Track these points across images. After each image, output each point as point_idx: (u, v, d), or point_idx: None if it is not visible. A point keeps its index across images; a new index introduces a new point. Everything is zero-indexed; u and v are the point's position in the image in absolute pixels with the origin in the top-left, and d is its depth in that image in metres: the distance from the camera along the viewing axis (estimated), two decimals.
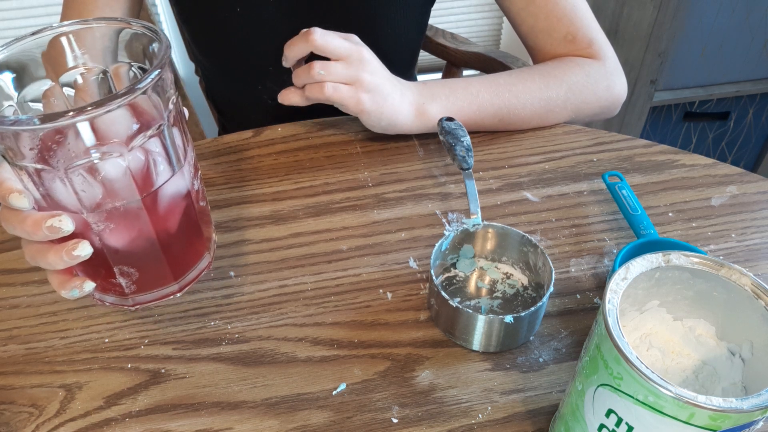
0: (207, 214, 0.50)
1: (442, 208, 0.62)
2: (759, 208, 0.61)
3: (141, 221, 0.42)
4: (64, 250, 0.40)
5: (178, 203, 0.45)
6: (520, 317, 0.46)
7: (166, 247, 0.44)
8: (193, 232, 0.47)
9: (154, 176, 0.42)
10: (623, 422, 0.33)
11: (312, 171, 0.67)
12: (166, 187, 0.43)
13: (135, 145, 0.39)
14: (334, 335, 0.50)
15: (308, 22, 0.72)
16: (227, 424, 0.45)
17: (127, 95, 0.37)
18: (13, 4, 1.52)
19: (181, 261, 0.47)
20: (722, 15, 1.46)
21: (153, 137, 0.41)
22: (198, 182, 0.47)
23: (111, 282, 0.45)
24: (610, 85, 0.72)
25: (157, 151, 0.42)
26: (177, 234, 0.45)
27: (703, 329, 0.39)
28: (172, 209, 0.44)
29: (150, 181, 0.42)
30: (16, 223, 0.41)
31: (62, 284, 0.43)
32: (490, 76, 0.70)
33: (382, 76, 0.64)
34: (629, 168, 0.66)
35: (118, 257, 0.43)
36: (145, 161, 0.41)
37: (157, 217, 0.43)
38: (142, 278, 0.45)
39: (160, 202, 0.43)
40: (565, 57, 0.73)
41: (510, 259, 0.54)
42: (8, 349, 0.50)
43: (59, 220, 0.39)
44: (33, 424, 0.45)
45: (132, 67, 0.45)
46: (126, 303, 0.46)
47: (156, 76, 0.38)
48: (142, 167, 0.41)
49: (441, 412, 0.45)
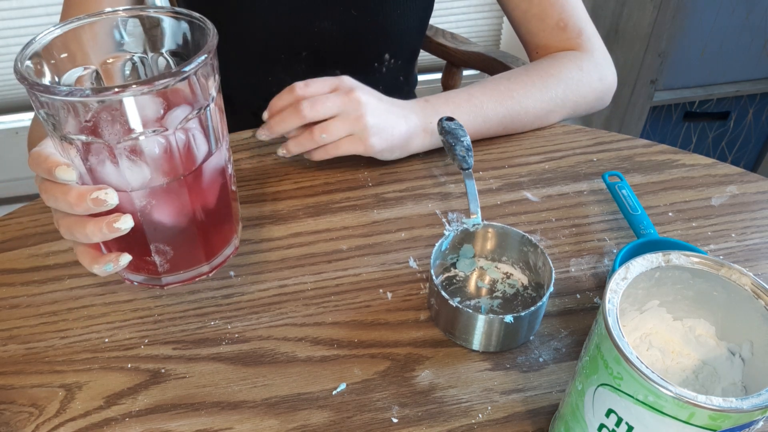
0: (236, 200, 0.51)
1: (442, 207, 0.62)
2: (759, 208, 0.61)
3: (181, 199, 0.44)
4: (105, 222, 0.41)
5: (216, 183, 0.46)
6: (520, 317, 0.46)
7: (201, 226, 0.46)
8: (225, 214, 0.49)
9: (195, 155, 0.44)
10: (623, 422, 0.33)
11: (312, 171, 0.67)
12: (206, 166, 0.44)
13: (179, 126, 0.41)
14: (334, 335, 0.50)
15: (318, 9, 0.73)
16: (227, 424, 0.45)
17: (176, 76, 0.38)
18: (13, 4, 1.52)
19: (213, 242, 0.48)
20: (722, 15, 1.46)
21: (196, 119, 0.42)
22: (231, 166, 0.49)
23: (145, 260, 0.46)
24: (602, 76, 0.74)
25: (199, 132, 0.43)
26: (212, 214, 0.47)
27: (703, 329, 0.39)
28: (210, 188, 0.46)
29: (192, 160, 0.43)
30: (59, 195, 0.41)
31: (94, 259, 0.44)
32: (489, 82, 0.70)
33: (382, 111, 0.63)
34: (629, 168, 0.66)
35: (156, 234, 0.44)
36: (187, 141, 0.43)
37: (197, 196, 0.44)
38: (176, 257, 0.46)
39: (200, 180, 0.45)
40: (556, 53, 0.74)
41: (510, 258, 0.54)
42: (8, 349, 0.50)
43: (105, 193, 0.40)
44: (33, 424, 0.45)
45: (163, 54, 0.47)
46: (157, 282, 0.47)
47: (203, 60, 0.40)
48: (185, 146, 0.42)
49: (441, 412, 0.45)
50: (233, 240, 0.51)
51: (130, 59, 0.47)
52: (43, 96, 0.38)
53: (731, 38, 1.50)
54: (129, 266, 0.45)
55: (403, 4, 0.78)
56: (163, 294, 0.54)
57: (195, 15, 0.44)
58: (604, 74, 0.74)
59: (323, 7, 0.75)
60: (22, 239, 0.60)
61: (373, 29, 0.75)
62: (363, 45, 0.79)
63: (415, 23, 0.83)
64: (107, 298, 0.54)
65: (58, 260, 0.57)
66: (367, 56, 0.78)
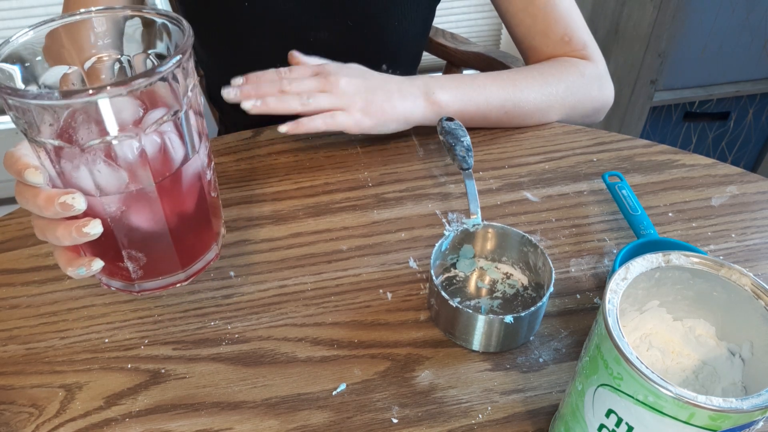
0: (217, 207, 0.50)
1: (442, 208, 0.62)
2: (759, 208, 0.61)
3: (153, 206, 0.43)
4: (74, 227, 0.41)
5: (193, 189, 0.45)
6: (520, 317, 0.46)
7: (176, 234, 0.45)
8: (203, 222, 0.48)
9: (169, 162, 0.43)
10: (623, 422, 0.33)
11: (312, 171, 0.67)
12: (179, 173, 0.43)
13: (151, 129, 0.40)
14: (334, 335, 0.50)
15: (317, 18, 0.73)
16: (227, 424, 0.45)
17: (148, 77, 0.37)
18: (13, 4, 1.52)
19: (190, 250, 0.47)
20: (722, 15, 1.46)
21: (169, 122, 0.41)
22: (211, 172, 0.48)
23: (118, 266, 0.45)
24: (602, 86, 0.74)
25: (173, 138, 0.42)
26: (187, 222, 0.46)
27: (703, 329, 0.39)
28: (187, 195, 0.45)
29: (165, 167, 0.42)
30: (29, 197, 0.41)
31: (69, 262, 0.43)
32: (493, 72, 0.71)
33: (370, 87, 0.63)
34: (629, 168, 0.66)
35: (128, 241, 0.44)
36: (160, 146, 0.42)
37: (170, 203, 0.44)
38: (149, 264, 0.45)
39: (174, 188, 0.44)
40: (560, 57, 0.74)
41: (510, 259, 0.54)
42: (8, 349, 0.50)
43: (72, 198, 0.40)
44: (33, 424, 0.45)
45: (150, 56, 0.46)
46: (132, 289, 0.47)
47: (177, 61, 0.39)
48: (158, 152, 0.42)
49: (441, 412, 0.45)
50: (213, 247, 0.50)
51: (118, 60, 0.46)
52: (10, 99, 0.36)
53: (731, 38, 1.50)
54: (104, 271, 0.45)
55: (402, 15, 0.78)
56: (163, 294, 0.54)
57: (171, 15, 0.43)
58: (604, 86, 0.75)
59: (319, 18, 0.75)
60: (22, 239, 0.60)
61: (371, 40, 0.75)
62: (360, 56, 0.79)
63: (414, 33, 0.82)
64: (107, 298, 0.54)
65: None
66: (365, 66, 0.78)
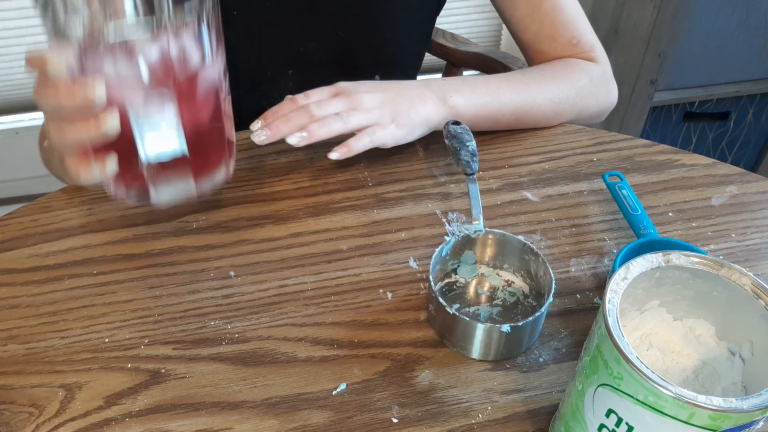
0: (231, 125, 0.51)
1: (442, 207, 0.62)
2: (759, 208, 0.61)
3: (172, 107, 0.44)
4: (92, 120, 0.42)
5: (209, 97, 0.47)
6: (518, 327, 0.46)
7: (191, 140, 0.46)
8: (218, 133, 0.49)
9: (189, 61, 0.44)
10: (623, 422, 0.33)
11: (312, 171, 0.67)
12: (200, 75, 0.45)
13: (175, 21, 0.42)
14: (334, 335, 0.50)
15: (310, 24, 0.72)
16: (227, 424, 0.45)
17: None
18: (13, 4, 1.52)
19: (203, 161, 0.49)
20: (722, 15, 1.46)
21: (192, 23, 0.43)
22: (225, 85, 0.49)
23: (133, 173, 0.46)
24: (608, 90, 0.74)
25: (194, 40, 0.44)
26: (202, 129, 0.47)
27: (703, 329, 0.39)
28: (203, 103, 0.46)
29: (185, 65, 0.44)
30: (50, 91, 0.42)
31: (82, 165, 0.44)
32: (504, 75, 0.71)
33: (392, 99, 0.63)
34: (629, 168, 0.66)
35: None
36: (182, 47, 0.43)
37: (188, 105, 0.45)
38: (164, 170, 0.47)
39: (193, 90, 0.45)
40: (568, 58, 0.74)
41: (511, 266, 0.54)
42: (8, 349, 0.50)
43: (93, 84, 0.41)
44: (33, 424, 0.45)
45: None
46: (144, 200, 0.48)
47: None
48: (178, 51, 0.43)
49: (441, 412, 0.45)
50: (223, 165, 0.51)
51: None
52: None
53: (731, 38, 1.50)
54: (117, 180, 0.46)
55: (395, 27, 0.77)
56: (163, 294, 0.54)
57: None
58: (610, 89, 0.75)
59: (309, 27, 0.74)
60: (22, 239, 0.60)
61: (363, 51, 0.74)
62: (352, 66, 0.77)
63: (411, 44, 0.81)
64: (107, 298, 0.54)
65: (58, 260, 0.57)
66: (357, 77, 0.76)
